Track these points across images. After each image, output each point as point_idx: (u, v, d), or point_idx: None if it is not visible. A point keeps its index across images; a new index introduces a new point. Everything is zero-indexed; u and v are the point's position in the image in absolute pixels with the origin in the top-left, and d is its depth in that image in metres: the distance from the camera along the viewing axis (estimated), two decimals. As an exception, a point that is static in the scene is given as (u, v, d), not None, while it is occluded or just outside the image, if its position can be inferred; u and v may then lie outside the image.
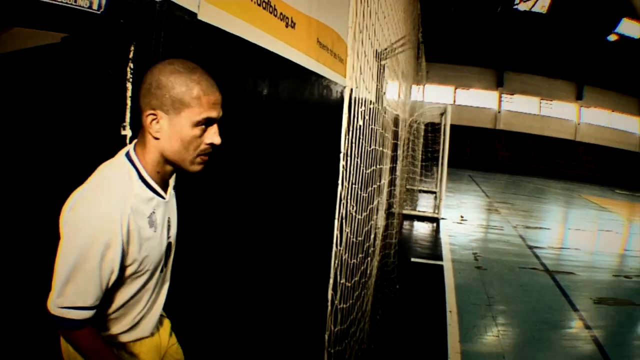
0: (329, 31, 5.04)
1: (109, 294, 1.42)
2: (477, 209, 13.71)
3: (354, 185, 2.63)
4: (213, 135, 1.44)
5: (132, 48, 1.67)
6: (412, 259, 7.34)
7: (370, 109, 4.24)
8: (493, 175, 23.71)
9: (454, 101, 29.34)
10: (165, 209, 1.52)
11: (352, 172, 2.54)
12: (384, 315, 4.78)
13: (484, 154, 27.59)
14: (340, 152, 2.26)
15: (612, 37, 26.70)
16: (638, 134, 33.45)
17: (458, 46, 27.25)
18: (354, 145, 2.58)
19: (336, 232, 2.13)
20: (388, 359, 4.15)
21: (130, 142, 1.54)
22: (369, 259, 3.73)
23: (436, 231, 9.74)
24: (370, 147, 3.33)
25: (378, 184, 4.14)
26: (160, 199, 1.48)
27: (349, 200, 2.32)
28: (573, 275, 7.87)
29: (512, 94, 29.89)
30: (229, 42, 2.33)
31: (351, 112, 2.54)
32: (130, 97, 1.68)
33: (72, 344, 1.42)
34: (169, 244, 1.59)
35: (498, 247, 9.31)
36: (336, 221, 2.13)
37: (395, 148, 7.89)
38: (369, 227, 3.69)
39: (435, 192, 13.57)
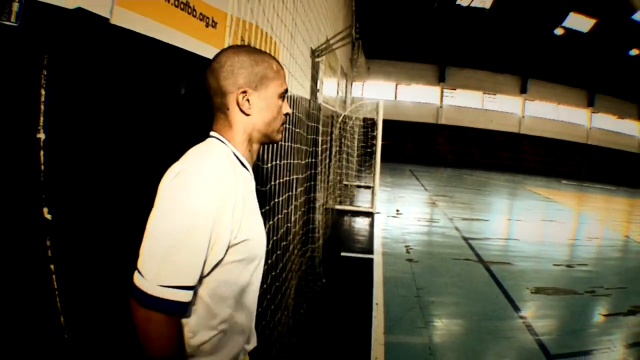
0: (257, 29, 5.17)
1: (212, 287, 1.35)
2: (414, 203, 13.84)
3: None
4: (287, 107, 1.55)
5: (46, 57, 1.78)
6: (342, 253, 7.39)
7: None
8: (435, 170, 24.08)
9: (396, 97, 29.98)
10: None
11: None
12: (309, 309, 4.91)
13: (426, 148, 28.07)
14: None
15: (559, 31, 27.80)
16: (586, 125, 35.11)
17: (400, 43, 27.80)
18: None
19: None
20: (310, 352, 4.21)
21: (44, 145, 1.63)
22: (279, 252, 3.86)
23: (370, 225, 9.77)
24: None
25: (287, 178, 4.31)
26: (253, 180, 1.52)
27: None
28: (510, 265, 8.08)
29: (454, 89, 30.77)
30: (144, 45, 2.46)
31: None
32: (44, 102, 1.81)
33: (154, 331, 1.25)
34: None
35: (432, 239, 9.54)
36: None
37: (326, 143, 8.07)
38: (275, 220, 3.82)
39: (372, 187, 14.04)
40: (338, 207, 10.64)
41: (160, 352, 1.23)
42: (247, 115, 1.47)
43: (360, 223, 10.05)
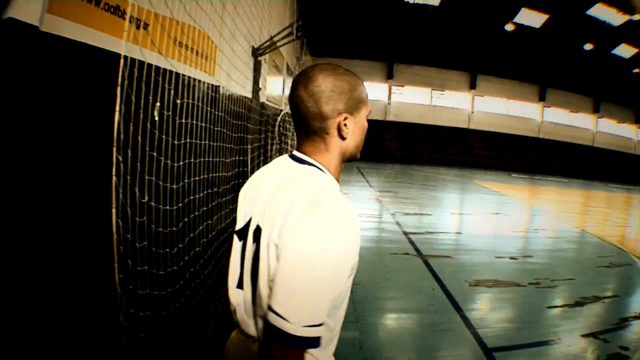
0: (193, 30, 5.32)
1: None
2: (357, 200, 13.85)
3: (151, 178, 2.98)
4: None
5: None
6: None
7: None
8: (383, 166, 24.17)
9: None
10: None
11: (154, 165, 2.94)
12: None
13: (374, 145, 28.28)
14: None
15: (510, 27, 28.43)
16: (538, 120, 36.18)
17: (347, 40, 28.09)
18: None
19: (114, 219, 2.39)
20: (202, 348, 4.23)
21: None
22: (198, 249, 4.01)
23: None
24: (178, 141, 3.67)
25: (205, 176, 4.50)
26: None
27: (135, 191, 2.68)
28: (450, 259, 8.19)
29: (403, 86, 31.32)
30: (75, 50, 2.62)
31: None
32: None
33: None
34: None
35: (371, 234, 9.59)
36: (113, 210, 2.38)
37: (264, 140, 8.20)
38: (192, 217, 3.99)
39: None
40: None
41: None
42: (344, 139, 1.52)
43: None
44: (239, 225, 1.68)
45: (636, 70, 35.34)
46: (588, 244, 11.70)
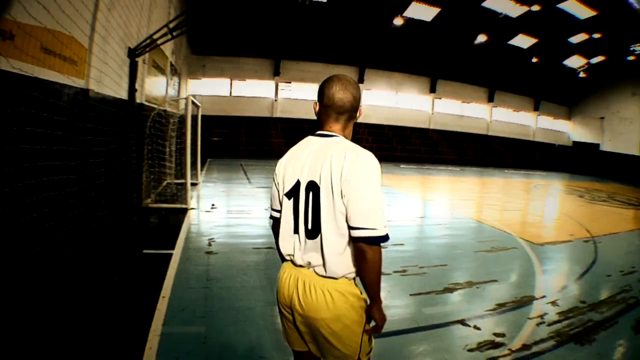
0: (61, 36, 5.31)
1: None
2: (233, 197, 14.11)
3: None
4: None
5: None
6: (145, 251, 7.60)
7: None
8: (268, 163, 24.40)
9: (231, 93, 30.49)
10: None
11: None
12: (100, 306, 5.11)
13: (260, 142, 28.72)
14: None
15: (399, 21, 28.87)
16: (429, 111, 37.18)
17: (233, 38, 28.22)
18: None
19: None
20: (88, 347, 4.32)
21: None
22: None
23: (180, 222, 9.92)
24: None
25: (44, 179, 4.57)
26: None
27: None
28: None
29: (290, 82, 31.70)
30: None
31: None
32: None
33: (378, 262, 2.33)
34: None
35: (239, 231, 9.75)
36: None
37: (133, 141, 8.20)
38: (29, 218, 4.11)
39: (196, 184, 14.37)
40: (153, 205, 10.92)
41: (381, 262, 2.33)
42: (352, 123, 2.69)
43: (172, 220, 10.19)
44: (287, 188, 2.55)
45: (534, 60, 36.99)
46: (470, 230, 12.29)
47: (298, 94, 32.49)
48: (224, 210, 11.68)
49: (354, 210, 2.27)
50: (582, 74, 40.45)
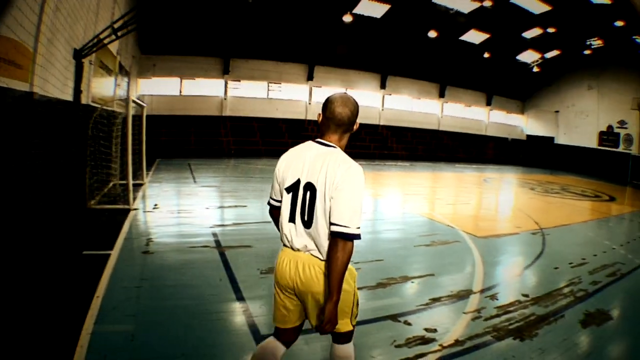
0: (6, 39, 5.39)
1: None
2: (176, 196, 14.06)
3: None
4: None
5: None
6: (85, 252, 7.55)
7: None
8: (217, 162, 24.35)
9: (181, 92, 30.39)
10: None
11: None
12: (36, 307, 5.22)
13: (209, 141, 28.69)
14: None
15: (348, 18, 29.00)
16: (379, 107, 37.53)
17: (183, 37, 28.15)
18: None
19: None
20: (22, 348, 4.40)
21: None
22: None
23: (121, 222, 9.85)
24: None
25: None
26: None
27: None
28: (249, 248, 8.51)
29: (239, 80, 31.71)
30: None
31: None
32: None
33: (348, 254, 2.85)
34: None
35: (178, 230, 9.77)
36: None
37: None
38: None
39: (142, 184, 14.38)
40: (96, 206, 10.92)
41: (350, 257, 2.87)
42: (348, 136, 3.26)
43: (114, 221, 10.05)
44: (287, 184, 3.15)
45: (486, 55, 37.33)
46: (412, 224, 12.38)
47: (247, 92, 32.48)
48: (165, 210, 11.61)
49: (336, 210, 2.91)
50: (536, 69, 40.89)
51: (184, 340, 4.80)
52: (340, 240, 2.83)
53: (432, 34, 32.85)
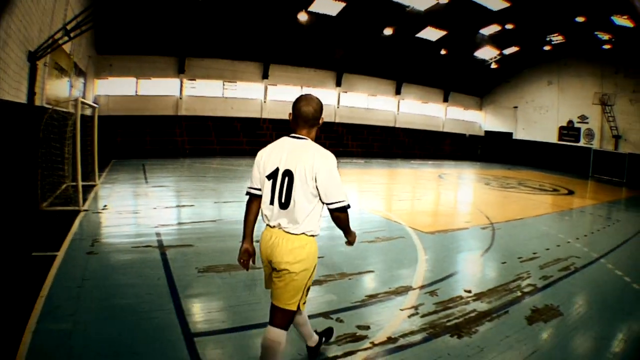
0: None
1: None
2: (127, 197, 13.98)
3: None
4: None
5: None
6: (34, 253, 7.68)
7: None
8: (172, 162, 24.28)
9: (137, 92, 30.31)
10: None
11: None
12: None
13: (164, 141, 28.71)
14: None
15: (303, 16, 29.19)
16: (335, 105, 37.97)
17: (139, 36, 28.05)
18: None
19: None
20: None
21: None
22: None
23: (71, 223, 9.91)
24: None
25: None
26: None
27: None
28: (191, 247, 8.64)
29: (195, 79, 31.81)
30: None
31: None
32: None
33: (346, 218, 3.85)
34: None
35: (123, 230, 9.82)
36: None
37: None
38: None
39: (94, 185, 14.50)
40: (48, 208, 11.08)
41: (349, 219, 3.91)
42: (318, 128, 3.95)
43: (64, 222, 10.09)
44: (267, 172, 3.78)
45: (443, 52, 37.88)
46: (359, 221, 12.27)
47: (203, 92, 32.54)
48: (114, 210, 11.66)
49: (327, 193, 3.71)
50: (494, 65, 41.55)
51: (117, 339, 4.94)
52: (339, 213, 3.80)
53: (388, 31, 33.09)
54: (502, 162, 45.07)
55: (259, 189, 3.92)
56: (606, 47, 34.98)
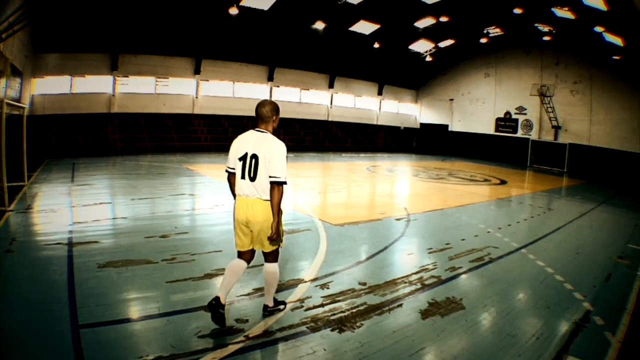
0: None
1: None
2: (51, 196, 13.91)
3: None
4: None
5: None
6: None
7: None
8: (104, 160, 24.19)
9: (72, 90, 30.48)
10: None
11: None
12: None
13: (96, 139, 28.79)
14: None
15: (234, 11, 29.68)
16: (267, 98, 37.17)
17: (73, 34, 28.26)
18: None
19: None
20: None
21: None
22: None
23: None
24: None
25: None
26: None
27: None
28: (96, 244, 8.85)
29: (127, 76, 32.08)
30: None
31: None
32: None
33: (281, 193, 5.45)
34: None
35: (40, 229, 10.12)
36: None
37: None
38: None
39: (23, 185, 14.77)
40: None
41: (283, 195, 5.54)
42: (273, 126, 5.73)
43: None
44: (239, 155, 5.58)
45: (376, 45, 38.95)
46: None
47: (136, 88, 32.84)
48: (36, 210, 11.84)
49: (271, 169, 5.39)
50: (429, 58, 42.81)
51: (16, 333, 5.13)
52: (276, 185, 5.45)
53: (320, 25, 33.94)
54: (438, 154, 46.57)
55: (234, 168, 5.76)
56: (546, 38, 36.59)
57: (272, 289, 6.02)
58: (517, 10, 31.33)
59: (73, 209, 12.26)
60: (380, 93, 49.22)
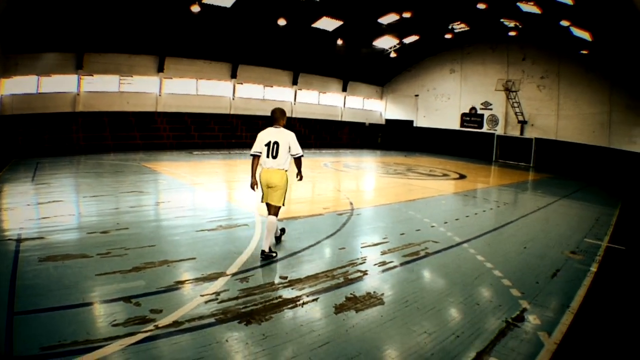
0: None
1: None
2: (10, 195, 14.30)
3: None
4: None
5: None
6: None
7: None
8: (67, 159, 24.42)
9: (39, 90, 31.04)
10: None
11: None
12: None
13: (61, 138, 29.24)
14: None
15: (196, 8, 30.50)
16: (230, 97, 39.83)
17: (39, 33, 28.70)
18: None
19: None
20: None
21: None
22: None
23: None
24: None
25: None
26: None
27: None
28: (42, 239, 9.23)
29: (92, 75, 32.78)
30: None
31: None
32: None
33: (301, 161, 9.42)
34: None
35: None
36: None
37: None
38: None
39: None
40: None
41: (301, 164, 9.51)
42: (284, 122, 9.18)
43: None
44: (265, 142, 9.00)
45: (340, 42, 40.06)
46: (211, 210, 13.06)
47: (100, 87, 33.48)
48: None
49: (293, 150, 9.01)
50: (393, 54, 44.03)
51: None
52: (298, 159, 9.18)
53: (282, 21, 34.90)
54: (403, 149, 47.83)
55: (260, 152, 8.95)
56: (512, 34, 37.91)
57: (270, 236, 9.09)
58: (481, 6, 32.03)
59: (27, 207, 12.54)
60: (344, 89, 50.43)
